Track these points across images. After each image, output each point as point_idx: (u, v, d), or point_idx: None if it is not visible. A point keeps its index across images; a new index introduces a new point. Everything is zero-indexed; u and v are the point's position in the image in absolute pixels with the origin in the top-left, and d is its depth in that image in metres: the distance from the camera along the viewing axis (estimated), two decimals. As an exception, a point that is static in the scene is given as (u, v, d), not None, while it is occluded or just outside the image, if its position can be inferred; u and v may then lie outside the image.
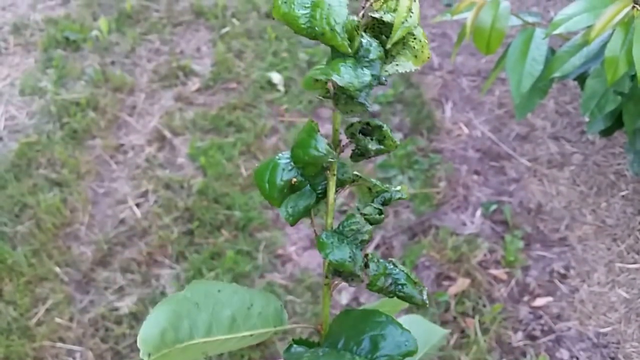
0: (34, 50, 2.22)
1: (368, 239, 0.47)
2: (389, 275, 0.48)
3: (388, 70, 0.42)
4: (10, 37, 2.28)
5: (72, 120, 1.93)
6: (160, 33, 2.30)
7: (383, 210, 0.48)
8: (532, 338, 1.42)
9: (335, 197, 0.47)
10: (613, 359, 1.38)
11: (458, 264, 1.54)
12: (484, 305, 1.47)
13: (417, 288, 0.48)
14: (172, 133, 1.91)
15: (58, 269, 1.55)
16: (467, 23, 1.24)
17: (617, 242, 1.58)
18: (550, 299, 1.48)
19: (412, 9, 0.41)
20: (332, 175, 0.46)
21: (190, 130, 1.91)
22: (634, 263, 1.54)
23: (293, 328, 0.58)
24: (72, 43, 2.24)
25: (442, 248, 1.57)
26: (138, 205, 1.70)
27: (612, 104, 1.25)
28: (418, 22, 0.41)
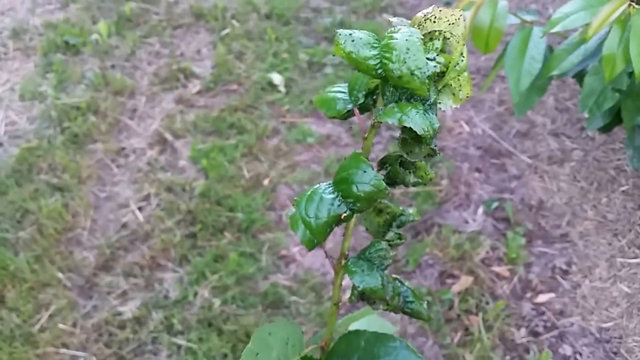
0: (34, 55, 2.23)
1: (390, 263, 0.48)
2: (400, 295, 0.49)
3: None
4: (10, 41, 2.29)
5: (72, 125, 1.93)
6: (160, 36, 2.30)
7: (402, 235, 0.49)
8: (535, 334, 1.42)
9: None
10: (616, 354, 1.38)
11: (461, 262, 1.55)
12: (487, 303, 1.47)
13: (421, 303, 0.50)
14: (173, 136, 1.91)
15: (61, 275, 1.55)
16: (465, 22, 1.24)
17: (618, 237, 1.59)
18: (553, 295, 1.49)
19: (463, 53, 0.42)
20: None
21: (192, 133, 1.91)
22: (635, 258, 1.54)
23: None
24: (71, 47, 2.24)
25: (444, 246, 1.58)
26: (140, 209, 1.70)
27: (610, 101, 1.26)
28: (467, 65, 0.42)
